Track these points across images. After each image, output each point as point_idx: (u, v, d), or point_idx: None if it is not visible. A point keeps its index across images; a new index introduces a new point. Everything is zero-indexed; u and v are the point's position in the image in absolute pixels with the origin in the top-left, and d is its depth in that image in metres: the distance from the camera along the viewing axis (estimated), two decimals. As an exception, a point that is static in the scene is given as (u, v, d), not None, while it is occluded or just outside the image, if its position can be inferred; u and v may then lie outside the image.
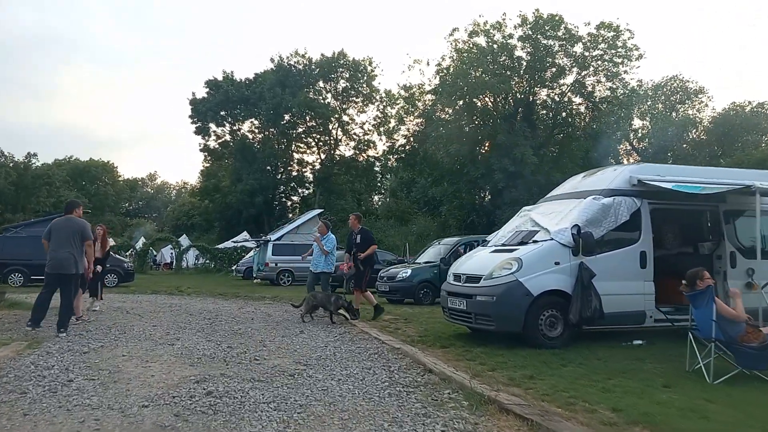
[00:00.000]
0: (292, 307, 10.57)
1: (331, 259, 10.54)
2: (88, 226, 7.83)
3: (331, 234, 10.70)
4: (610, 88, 32.08)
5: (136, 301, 13.42)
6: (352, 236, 10.13)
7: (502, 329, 6.87)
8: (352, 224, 10.26)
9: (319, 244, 10.39)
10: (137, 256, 35.66)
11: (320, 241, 10.43)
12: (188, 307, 11.88)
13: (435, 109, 33.33)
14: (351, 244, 10.12)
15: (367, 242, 9.95)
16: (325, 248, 10.39)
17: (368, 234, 10.27)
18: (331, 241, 10.55)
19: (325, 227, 10.76)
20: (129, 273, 21.02)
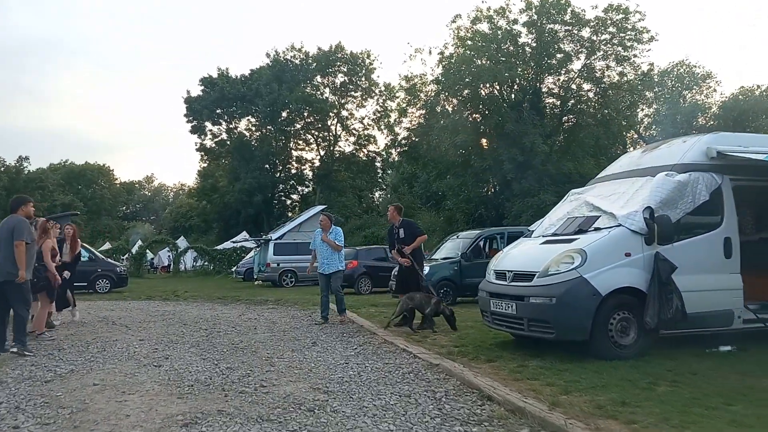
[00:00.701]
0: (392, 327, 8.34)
1: (341, 255, 9.28)
2: (22, 225, 6.39)
3: (337, 227, 9.43)
4: (620, 73, 30.79)
5: (126, 309, 12.15)
6: (394, 231, 8.75)
7: (564, 338, 5.60)
8: (392, 217, 8.80)
9: (328, 241, 9.12)
10: (133, 259, 34.35)
11: (328, 237, 9.16)
12: (183, 315, 10.60)
13: (438, 99, 32.01)
14: (393, 241, 8.75)
15: (414, 234, 8.58)
16: (338, 242, 9.12)
17: (413, 225, 8.90)
18: (340, 234, 9.31)
19: (329, 220, 9.46)
20: (122, 278, 19.73)
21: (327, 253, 9.16)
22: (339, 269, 9.20)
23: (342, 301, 9.23)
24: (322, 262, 9.23)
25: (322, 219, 9.50)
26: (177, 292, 18.48)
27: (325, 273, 9.24)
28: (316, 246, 9.40)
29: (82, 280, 18.66)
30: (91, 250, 19.94)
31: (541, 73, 31.77)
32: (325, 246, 9.17)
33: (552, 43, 30.63)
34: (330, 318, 9.31)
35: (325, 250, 9.19)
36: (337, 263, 9.16)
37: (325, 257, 9.19)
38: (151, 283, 26.35)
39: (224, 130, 52.08)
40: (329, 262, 9.15)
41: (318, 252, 9.35)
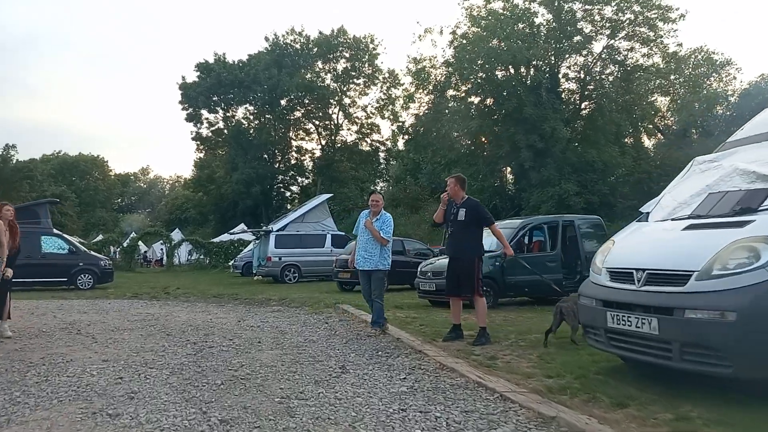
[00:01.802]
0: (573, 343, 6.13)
1: (387, 252, 7.26)
2: None
3: (387, 213, 7.37)
4: (645, 54, 28.80)
5: (103, 311, 10.14)
6: (452, 209, 6.66)
7: (748, 374, 3.61)
8: (453, 191, 6.55)
9: (372, 229, 7.12)
10: (123, 252, 32.31)
11: (373, 223, 7.16)
12: (169, 321, 8.60)
13: (450, 82, 29.95)
14: (447, 221, 6.72)
15: (478, 219, 6.51)
16: (384, 235, 7.11)
17: (480, 209, 6.59)
18: (390, 223, 7.24)
19: (383, 201, 7.39)
20: (106, 272, 17.74)
21: (368, 243, 7.15)
22: (380, 268, 7.16)
23: (380, 311, 7.20)
24: (360, 254, 7.23)
25: (375, 198, 7.35)
26: (168, 289, 16.55)
27: (362, 269, 7.22)
28: (358, 231, 7.40)
29: (62, 275, 16.79)
30: (72, 242, 17.92)
31: (560, 55, 29.76)
32: (368, 234, 7.16)
33: (571, 22, 28.63)
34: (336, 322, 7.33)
35: (365, 239, 7.19)
36: (377, 259, 7.12)
37: (364, 248, 7.18)
38: (142, 278, 24.34)
39: (221, 118, 50.12)
40: (368, 256, 7.13)
41: (358, 239, 7.36)
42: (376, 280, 7.15)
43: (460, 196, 6.59)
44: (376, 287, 7.14)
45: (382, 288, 7.21)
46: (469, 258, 6.48)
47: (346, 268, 14.82)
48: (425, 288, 10.52)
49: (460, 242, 6.55)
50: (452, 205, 6.62)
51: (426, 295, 10.68)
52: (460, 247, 6.56)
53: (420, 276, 10.81)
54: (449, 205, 6.65)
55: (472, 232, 6.53)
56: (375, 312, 7.17)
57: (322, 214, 21.47)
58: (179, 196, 69.41)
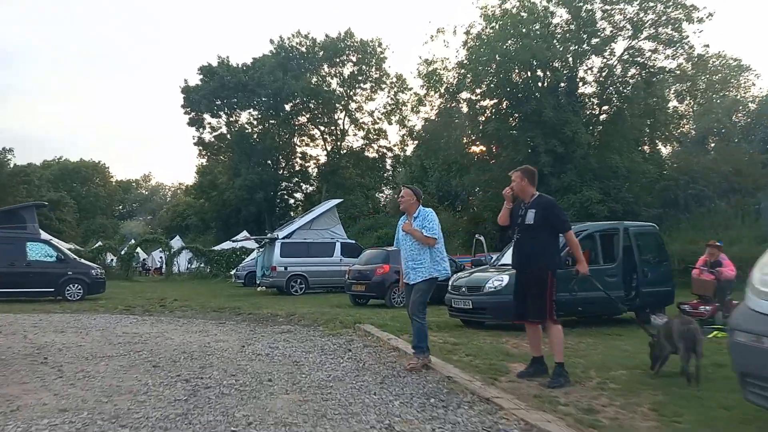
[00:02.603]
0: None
1: (440, 254, 5.75)
2: None
3: (427, 208, 5.88)
4: (669, 56, 27.37)
5: (83, 331, 8.69)
6: (519, 210, 5.24)
7: None
8: (519, 188, 5.18)
9: (411, 231, 5.66)
10: (121, 260, 30.91)
11: (412, 224, 5.70)
12: (159, 345, 7.16)
13: (463, 84, 28.54)
14: (514, 225, 5.29)
15: (551, 222, 5.08)
16: (428, 233, 5.60)
17: (552, 207, 5.17)
18: (432, 219, 5.73)
19: (413, 196, 5.85)
20: (98, 282, 16.33)
21: (413, 250, 5.67)
22: (429, 276, 5.63)
23: (421, 332, 5.69)
24: (408, 265, 5.75)
25: (404, 194, 5.89)
26: (164, 301, 15.20)
27: (410, 283, 5.75)
28: (399, 241, 5.93)
29: (49, 285, 15.42)
30: (61, 249, 16.53)
31: (579, 57, 28.38)
32: (410, 240, 5.71)
33: (589, 23, 27.31)
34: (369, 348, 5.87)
35: (409, 246, 5.71)
36: (429, 265, 5.62)
37: (411, 257, 5.69)
38: (138, 288, 22.96)
39: (224, 123, 48.75)
40: (417, 265, 5.63)
41: (402, 250, 5.86)
42: (418, 292, 5.63)
43: (529, 193, 5.17)
44: (418, 300, 5.62)
45: (423, 300, 5.68)
46: (538, 272, 5.06)
47: (360, 279, 13.46)
48: (459, 305, 9.06)
49: (528, 251, 5.14)
50: (519, 205, 5.21)
51: (459, 314, 9.22)
52: (528, 257, 5.14)
53: (452, 291, 9.36)
54: (516, 204, 5.23)
55: (544, 239, 5.09)
56: (415, 334, 5.69)
57: (331, 221, 20.06)
58: (180, 202, 68.11)
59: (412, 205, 5.77)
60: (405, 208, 5.82)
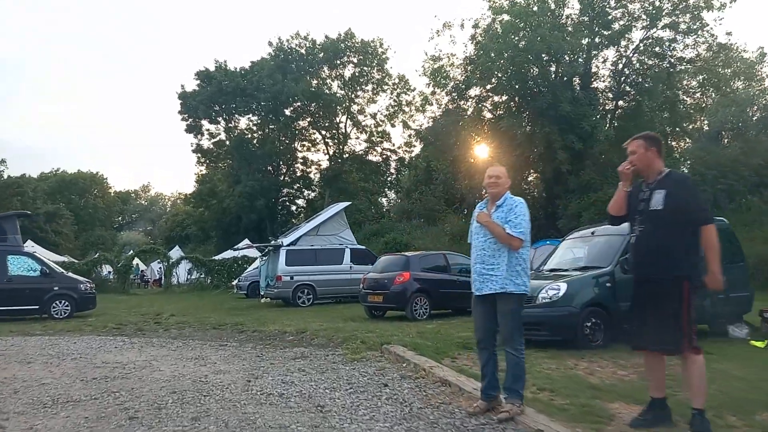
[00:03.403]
0: None
1: (522, 262, 4.25)
2: None
3: (516, 198, 4.36)
4: (688, 46, 26.03)
5: (56, 360, 7.26)
6: (640, 193, 3.81)
7: None
8: (643, 160, 3.82)
9: (491, 225, 4.20)
10: (117, 272, 29.46)
11: (491, 215, 4.25)
12: (143, 381, 5.72)
13: (472, 80, 27.17)
14: (633, 214, 3.83)
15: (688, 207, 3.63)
16: (512, 230, 4.15)
17: (687, 187, 3.77)
18: (522, 212, 4.23)
19: (500, 179, 4.32)
20: (87, 298, 14.89)
21: (486, 249, 4.22)
22: (511, 290, 4.15)
23: (517, 369, 4.16)
24: (476, 268, 4.28)
25: (493, 173, 4.34)
26: (160, 317, 13.82)
27: (480, 293, 4.24)
28: (472, 236, 4.47)
29: (33, 301, 14.01)
30: (46, 262, 15.10)
31: (593, 48, 27.06)
32: (484, 235, 4.25)
33: (602, 14, 26.01)
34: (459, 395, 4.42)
35: (482, 243, 4.26)
36: (505, 274, 4.14)
37: (481, 259, 4.23)
38: (135, 302, 21.56)
39: (222, 129, 47.42)
40: (488, 270, 4.17)
41: (473, 247, 4.40)
42: (507, 313, 4.15)
43: (657, 169, 3.74)
44: (509, 325, 4.14)
45: (519, 327, 4.21)
46: (671, 280, 3.61)
47: (377, 289, 12.03)
48: (504, 320, 7.60)
49: (656, 249, 3.66)
50: (640, 186, 3.76)
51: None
52: (656, 257, 3.66)
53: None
54: (635, 185, 3.79)
55: (678, 233, 3.61)
56: (509, 371, 4.16)
57: (339, 226, 18.63)
58: (179, 212, 66.74)
59: (498, 191, 4.28)
60: (493, 193, 4.29)
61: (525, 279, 4.22)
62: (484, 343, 4.28)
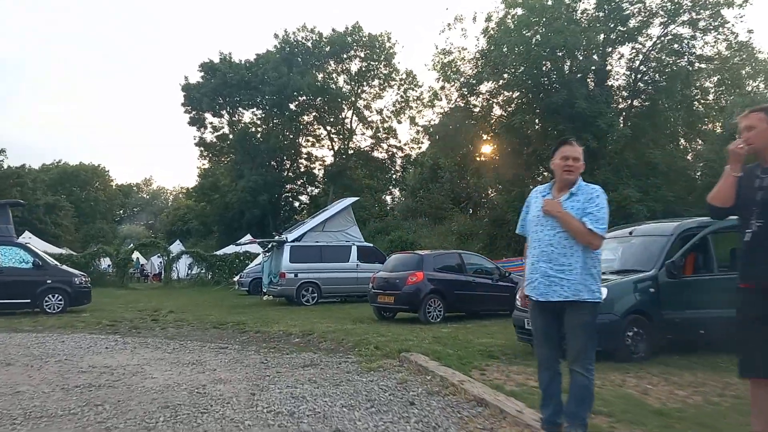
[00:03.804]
0: None
1: (598, 264, 3.48)
2: None
3: (594, 186, 3.56)
4: (709, 43, 25.22)
5: (38, 362, 6.56)
6: (754, 180, 2.87)
7: None
8: (764, 139, 2.87)
9: (561, 215, 3.41)
10: (116, 266, 28.79)
11: (561, 204, 3.45)
12: (132, 390, 5.02)
13: (483, 74, 26.41)
14: (749, 206, 2.94)
15: None
16: (594, 225, 3.34)
17: None
18: (601, 205, 3.42)
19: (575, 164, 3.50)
20: (81, 292, 14.23)
21: (552, 246, 3.45)
22: (586, 297, 3.38)
23: (585, 393, 3.38)
24: (536, 269, 3.51)
25: (569, 152, 3.53)
26: (158, 314, 13.18)
27: (546, 299, 3.46)
28: (528, 225, 3.69)
29: (24, 295, 13.34)
30: (39, 254, 14.41)
31: (609, 44, 26.30)
32: (552, 228, 3.48)
33: (617, 9, 25.24)
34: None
35: (548, 239, 3.47)
36: (579, 277, 3.37)
37: (547, 257, 3.45)
38: (133, 297, 20.91)
39: (226, 122, 46.72)
40: (558, 272, 3.40)
41: (531, 240, 3.63)
42: (579, 325, 3.38)
43: None
44: (581, 340, 3.38)
45: (592, 342, 3.44)
46: None
47: (388, 289, 11.32)
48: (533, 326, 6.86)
49: None
50: (754, 170, 2.99)
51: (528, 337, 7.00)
52: None
53: (521, 307, 7.15)
54: (749, 170, 3.01)
55: None
56: (575, 394, 3.40)
57: (346, 222, 17.91)
58: (181, 206, 66.11)
59: (571, 178, 3.51)
60: (565, 180, 3.52)
61: (599, 284, 3.49)
62: (549, 361, 3.56)
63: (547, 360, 3.55)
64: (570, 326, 3.39)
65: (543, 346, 3.56)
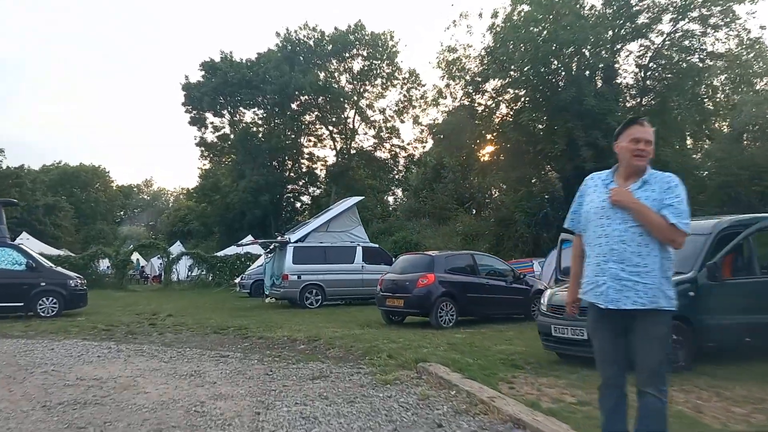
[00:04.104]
0: None
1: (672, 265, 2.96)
2: None
3: (669, 174, 3.03)
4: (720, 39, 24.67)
5: (20, 374, 6.01)
6: None
7: None
8: None
9: (635, 206, 2.84)
10: (115, 267, 28.27)
11: (632, 193, 2.89)
12: (121, 410, 4.48)
13: (489, 72, 25.87)
14: None
15: None
16: (677, 219, 2.78)
17: None
18: (680, 197, 2.86)
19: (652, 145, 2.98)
20: (77, 294, 13.69)
21: (624, 243, 2.84)
22: (666, 306, 2.84)
23: (659, 417, 2.81)
24: (612, 272, 2.86)
25: (640, 134, 2.97)
26: (156, 318, 12.65)
27: (616, 307, 2.84)
28: (584, 219, 3.11)
29: (17, 298, 12.81)
30: (32, 255, 13.86)
31: (618, 41, 25.76)
32: (623, 221, 2.88)
33: (628, 5, 24.72)
34: None
35: (618, 234, 2.87)
36: (655, 283, 2.82)
37: (621, 255, 2.84)
38: (132, 299, 20.40)
39: (227, 122, 46.18)
40: (638, 274, 2.81)
41: (599, 237, 2.96)
42: (656, 339, 2.84)
43: None
44: (657, 356, 2.84)
45: (667, 359, 2.93)
46: None
47: (397, 292, 10.78)
48: (566, 335, 6.29)
49: None
50: None
51: (566, 347, 6.42)
52: None
53: (551, 313, 6.62)
54: None
55: None
56: (647, 421, 2.81)
57: (351, 222, 17.36)
58: (182, 207, 65.63)
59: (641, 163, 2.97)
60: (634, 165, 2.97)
61: (674, 290, 2.95)
62: (616, 380, 2.99)
63: (613, 379, 2.99)
64: (642, 339, 2.84)
65: (609, 363, 3.00)
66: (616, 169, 3.08)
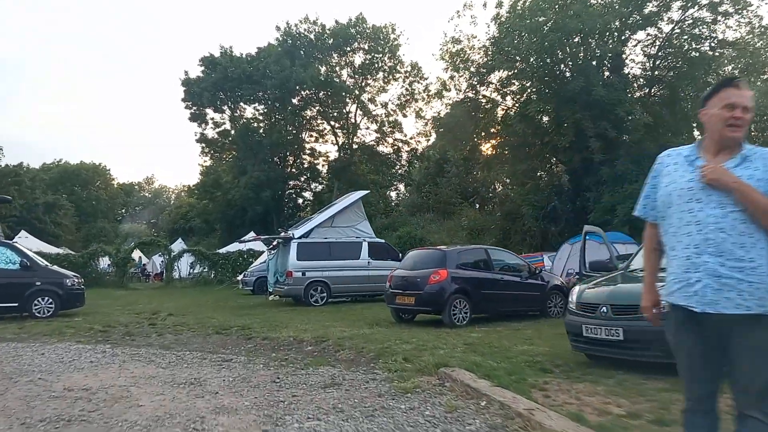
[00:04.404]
0: None
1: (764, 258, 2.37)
2: None
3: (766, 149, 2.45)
4: (732, 27, 24.08)
5: (2, 382, 5.52)
6: None
7: None
8: None
9: (746, 191, 2.27)
10: (116, 265, 27.81)
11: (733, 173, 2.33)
12: (110, 426, 3.98)
13: (494, 62, 25.29)
14: None
15: None
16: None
17: None
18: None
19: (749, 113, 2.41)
20: (74, 294, 13.20)
21: (729, 232, 2.26)
22: (763, 309, 2.23)
23: None
24: (709, 268, 2.28)
25: (736, 99, 2.35)
26: (156, 317, 12.19)
27: (718, 311, 2.25)
28: (663, 203, 2.52)
29: (12, 298, 12.34)
30: (27, 254, 13.37)
31: (626, 29, 25.16)
32: (722, 206, 2.31)
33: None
34: None
35: (718, 222, 2.29)
36: (766, 282, 2.23)
37: (720, 247, 2.26)
38: (132, 298, 19.94)
39: (228, 117, 45.66)
40: (742, 270, 2.23)
41: (687, 224, 2.39)
42: (763, 351, 2.25)
43: None
44: (764, 372, 2.25)
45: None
46: None
47: (408, 289, 10.28)
48: (596, 335, 5.75)
49: None
50: None
51: (596, 348, 5.87)
52: None
53: (579, 311, 6.08)
54: None
55: None
56: None
57: (356, 217, 16.86)
58: (183, 204, 65.17)
59: (737, 135, 2.40)
60: (735, 138, 2.39)
61: None
62: (709, 403, 2.47)
63: (706, 398, 2.45)
64: (747, 352, 2.28)
65: (701, 382, 2.45)
66: (700, 143, 2.53)
